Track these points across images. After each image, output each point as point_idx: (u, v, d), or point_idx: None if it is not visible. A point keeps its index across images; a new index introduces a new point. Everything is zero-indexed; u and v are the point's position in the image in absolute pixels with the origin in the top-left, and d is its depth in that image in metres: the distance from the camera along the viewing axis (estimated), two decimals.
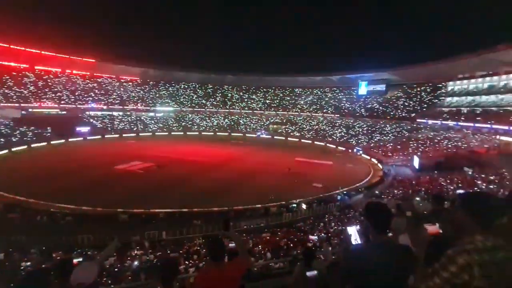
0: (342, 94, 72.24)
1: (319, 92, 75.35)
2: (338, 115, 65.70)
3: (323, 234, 14.63)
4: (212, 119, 72.96)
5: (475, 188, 20.84)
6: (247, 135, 64.70)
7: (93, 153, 37.75)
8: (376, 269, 1.64)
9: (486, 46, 40.96)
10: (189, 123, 70.17)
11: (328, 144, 54.08)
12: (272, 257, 10.09)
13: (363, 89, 67.12)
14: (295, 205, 21.38)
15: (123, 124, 61.79)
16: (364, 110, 63.19)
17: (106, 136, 53.59)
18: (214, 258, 2.31)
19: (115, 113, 64.11)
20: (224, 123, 71.93)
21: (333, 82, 72.73)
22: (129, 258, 11.50)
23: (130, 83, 73.96)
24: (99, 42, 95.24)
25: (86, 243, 14.03)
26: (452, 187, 22.57)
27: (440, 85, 54.40)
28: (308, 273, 3.04)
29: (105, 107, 63.66)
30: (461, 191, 13.68)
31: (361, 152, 45.43)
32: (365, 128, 57.10)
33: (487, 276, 1.24)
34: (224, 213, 18.77)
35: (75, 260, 8.74)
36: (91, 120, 58.34)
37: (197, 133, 65.60)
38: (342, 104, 69.08)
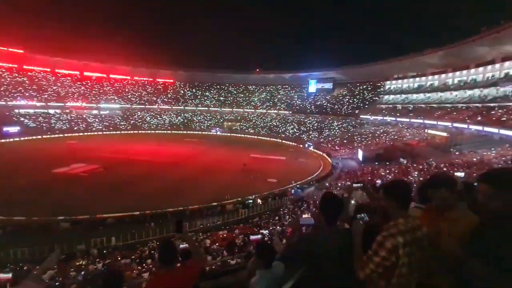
0: (293, 91, 75.04)
1: (272, 90, 77.16)
2: (290, 112, 68.22)
3: (278, 227, 15.20)
4: (164, 117, 69.92)
5: (409, 177, 23.56)
6: (201, 132, 63.51)
7: (26, 156, 33.37)
8: (328, 254, 1.78)
9: (416, 50, 46.32)
10: (139, 121, 66.26)
11: (281, 140, 55.87)
12: (228, 254, 10.18)
13: (312, 87, 70.62)
14: (251, 201, 21.75)
15: (61, 123, 55.75)
16: (314, 107, 66.62)
17: (41, 136, 47.78)
18: (165, 262, 2.22)
19: (51, 111, 57.46)
20: (177, 121, 69.51)
21: (285, 80, 75.12)
22: (72, 270, 10.58)
23: (69, 78, 66.94)
24: (28, 30, 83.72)
25: (21, 258, 12.48)
26: (390, 177, 25.16)
27: (379, 84, 59.96)
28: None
29: (38, 104, 56.64)
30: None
31: (312, 147, 47.92)
32: (315, 124, 60.29)
33: (410, 254, 1.49)
34: (179, 213, 18.28)
35: (2, 276, 7.74)
36: (22, 119, 51.47)
37: (148, 131, 62.32)
38: (294, 101, 71.84)
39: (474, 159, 26.01)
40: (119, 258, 11.98)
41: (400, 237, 1.48)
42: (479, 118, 32.72)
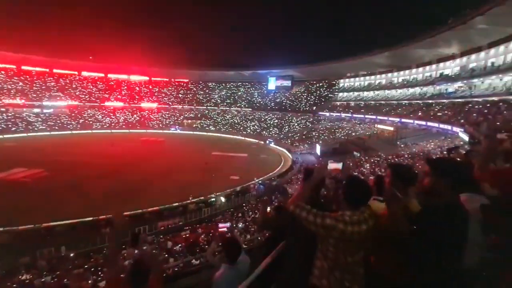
0: (253, 89, 75.63)
1: (232, 87, 76.87)
2: (251, 109, 68.74)
3: (241, 224, 15.36)
4: (118, 115, 65.66)
5: (361, 169, 25.38)
6: (160, 131, 61.00)
7: None
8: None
9: (366, 51, 49.73)
10: (89, 120, 61.35)
11: (242, 137, 56.14)
12: (189, 254, 10.04)
13: (272, 84, 71.87)
14: (213, 199, 21.60)
15: None
16: (274, 104, 67.98)
17: None
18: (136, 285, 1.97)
19: None
20: (132, 119, 65.79)
21: (245, 77, 75.32)
22: (14, 286, 9.56)
23: (3, 72, 59.24)
24: None
25: None
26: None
27: (334, 82, 63.22)
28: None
29: None
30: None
31: (273, 143, 48.96)
32: (275, 121, 61.62)
33: (348, 240, 1.63)
34: (138, 216, 17.45)
35: None
36: None
37: (100, 131, 58.00)
38: (254, 99, 72.50)
39: (416, 150, 28.97)
40: (70, 268, 11.10)
41: (342, 225, 1.59)
42: (419, 114, 36.34)
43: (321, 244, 1.71)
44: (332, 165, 2.81)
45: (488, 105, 26.64)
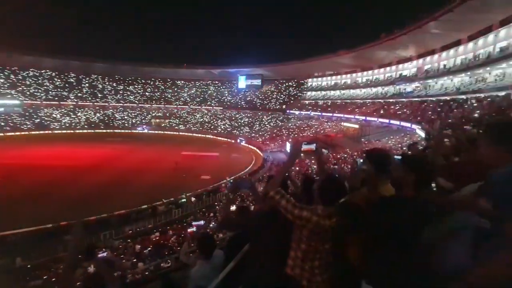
0: (223, 87, 75.03)
1: (201, 85, 75.58)
2: (221, 108, 68.19)
3: (213, 223, 15.26)
4: (79, 114, 61.55)
5: (329, 165, 26.34)
6: (126, 131, 58.31)
7: None
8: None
9: (331, 51, 51.60)
10: (46, 119, 56.84)
11: (213, 136, 55.56)
12: (158, 257, 9.77)
13: (242, 83, 71.80)
14: (184, 200, 21.16)
15: None
16: (244, 103, 68.08)
17: None
18: None
19: None
20: (95, 118, 62.09)
21: (215, 76, 74.47)
22: None
23: None
24: None
25: None
26: (315, 166, 27.71)
27: (303, 81, 64.82)
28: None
29: None
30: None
31: (243, 142, 49.06)
32: (246, 120, 61.76)
33: (321, 232, 1.74)
34: (104, 220, 16.57)
35: None
36: None
37: (59, 131, 54.02)
38: (224, 97, 71.99)
39: (379, 146, 30.68)
40: (28, 279, 10.28)
41: (314, 217, 1.71)
42: (381, 112, 38.57)
43: (295, 234, 1.80)
44: (305, 147, 2.82)
45: (441, 103, 29.02)
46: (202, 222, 13.32)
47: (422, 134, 23.79)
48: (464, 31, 29.70)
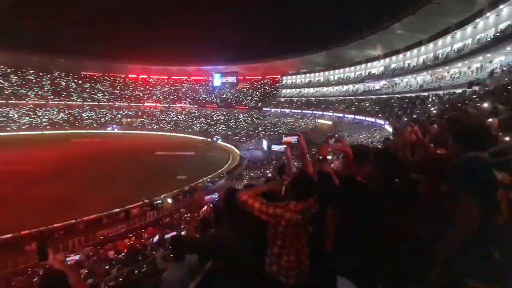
0: (198, 85, 73.71)
1: (175, 83, 73.66)
2: (196, 106, 67.01)
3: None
4: (40, 114, 57.34)
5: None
6: (94, 131, 55.36)
7: None
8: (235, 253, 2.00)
9: (306, 50, 52.56)
10: (2, 120, 52.34)
11: (188, 135, 54.48)
12: (131, 263, 9.37)
13: (217, 80, 71.02)
14: (159, 201, 20.58)
15: None
16: (220, 101, 67.39)
17: None
18: None
19: None
20: (59, 118, 58.24)
21: (189, 73, 72.91)
22: None
23: None
24: None
25: None
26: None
27: (278, 79, 65.43)
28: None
29: None
30: None
31: (220, 140, 48.60)
32: (221, 118, 61.22)
33: (294, 227, 1.78)
34: (70, 227, 15.68)
35: None
36: None
37: (17, 133, 50.03)
38: (199, 95, 70.77)
39: (351, 141, 31.88)
40: None
41: (288, 213, 1.75)
42: (353, 109, 40.01)
43: (270, 232, 1.84)
44: (286, 138, 2.89)
45: (406, 100, 30.66)
46: (214, 196, 12.70)
47: (390, 129, 25.02)
48: (425, 32, 31.63)
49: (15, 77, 60.18)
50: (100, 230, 16.46)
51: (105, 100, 66.03)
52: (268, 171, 26.82)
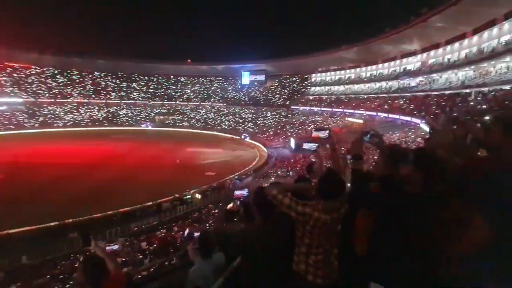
0: (227, 83, 74.78)
1: (205, 81, 75.40)
2: (225, 104, 68.07)
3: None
4: (82, 111, 61.79)
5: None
6: (130, 128, 58.51)
7: None
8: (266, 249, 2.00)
9: (334, 46, 51.13)
10: (50, 117, 57.17)
11: (217, 133, 55.57)
12: (163, 255, 9.79)
13: (246, 78, 71.52)
14: (189, 196, 21.25)
15: None
16: (248, 99, 67.87)
17: None
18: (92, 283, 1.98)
19: None
20: (99, 116, 62.35)
21: (218, 72, 74.19)
22: None
23: None
24: None
25: None
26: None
27: (306, 77, 64.37)
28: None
29: None
30: None
31: (248, 138, 49.01)
32: (249, 116, 61.63)
33: (323, 226, 1.73)
34: (108, 218, 16.72)
35: None
36: None
37: (63, 129, 54.31)
38: (228, 93, 71.80)
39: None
40: (30, 277, 10.41)
41: (316, 213, 1.71)
42: (386, 107, 38.22)
43: (299, 230, 1.81)
44: (316, 133, 2.86)
45: (445, 97, 28.65)
46: (245, 191, 12.85)
47: (426, 128, 23.58)
48: (469, 24, 29.21)
49: (61, 77, 65.48)
50: (134, 222, 17.41)
51: (140, 98, 69.44)
52: (291, 172, 26.56)
